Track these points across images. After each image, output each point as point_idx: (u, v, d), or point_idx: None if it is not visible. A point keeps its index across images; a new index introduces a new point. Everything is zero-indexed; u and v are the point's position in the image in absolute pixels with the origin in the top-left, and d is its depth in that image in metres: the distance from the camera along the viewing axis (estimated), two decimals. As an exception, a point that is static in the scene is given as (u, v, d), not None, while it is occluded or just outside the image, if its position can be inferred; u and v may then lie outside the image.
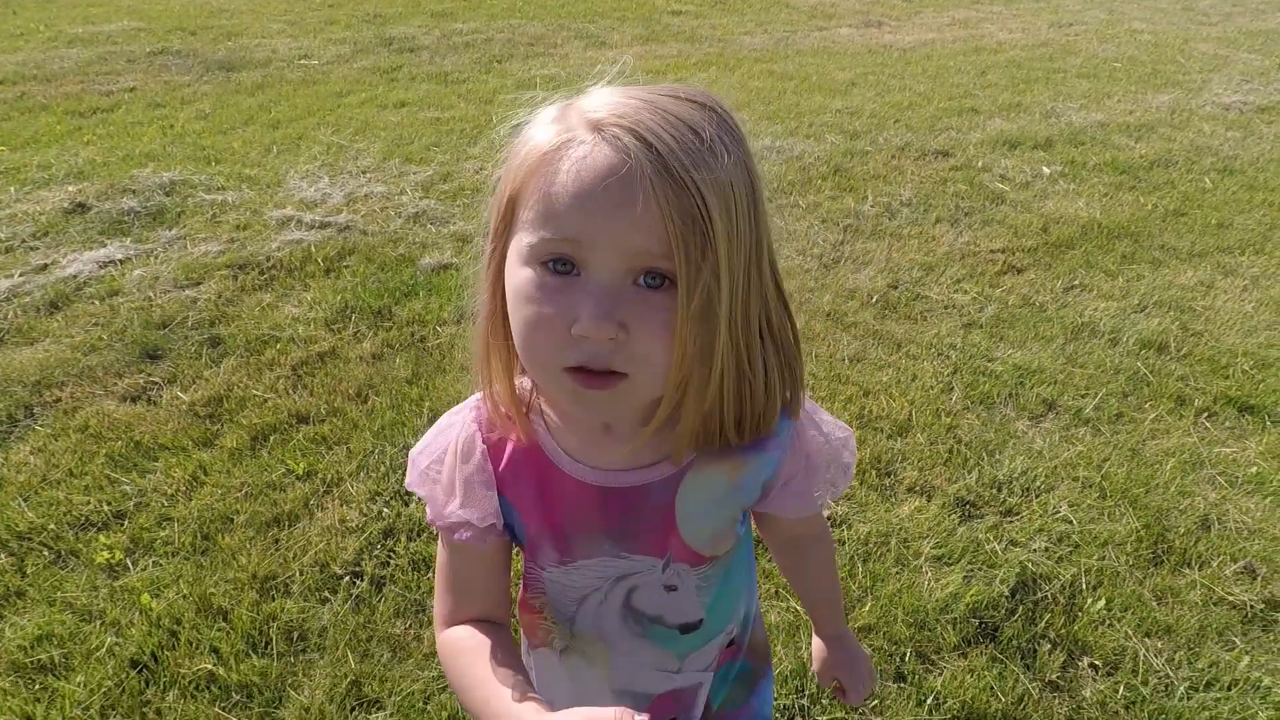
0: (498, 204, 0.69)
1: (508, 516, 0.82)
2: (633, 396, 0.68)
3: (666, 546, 0.82)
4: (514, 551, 0.89)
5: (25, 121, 5.37)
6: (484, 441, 0.80)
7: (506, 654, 0.79)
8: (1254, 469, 2.39)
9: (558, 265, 0.64)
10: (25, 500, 2.22)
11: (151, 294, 3.28)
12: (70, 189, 4.24)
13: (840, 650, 1.10)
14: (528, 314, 0.66)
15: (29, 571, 2.01)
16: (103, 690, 1.70)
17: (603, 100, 0.65)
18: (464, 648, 0.81)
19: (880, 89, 6.12)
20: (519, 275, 0.67)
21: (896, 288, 3.34)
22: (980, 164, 4.66)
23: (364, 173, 4.51)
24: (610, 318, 0.63)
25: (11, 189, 4.22)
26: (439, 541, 0.85)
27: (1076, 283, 3.42)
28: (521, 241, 0.66)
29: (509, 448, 0.80)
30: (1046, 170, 4.59)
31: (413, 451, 0.83)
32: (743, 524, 0.88)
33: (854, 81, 6.30)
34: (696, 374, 0.67)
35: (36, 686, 1.72)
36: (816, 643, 1.12)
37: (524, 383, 0.80)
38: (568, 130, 0.64)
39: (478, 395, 0.81)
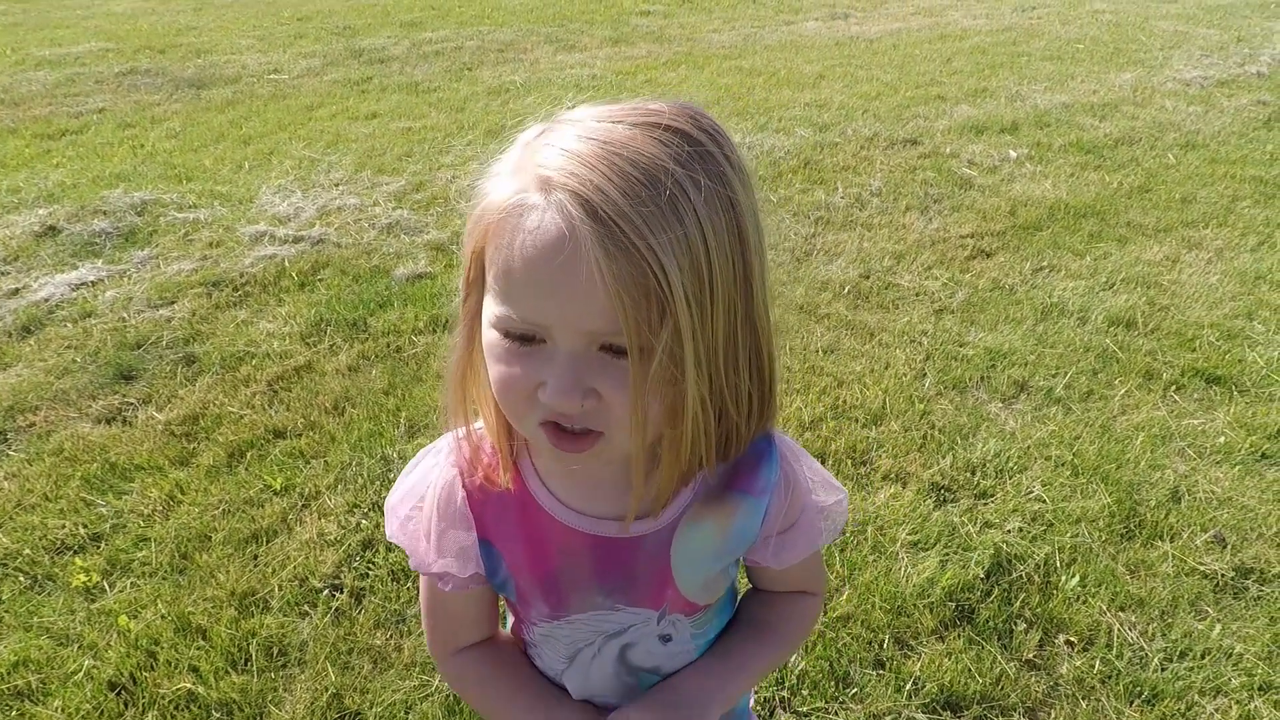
0: (468, 251, 0.66)
1: (495, 568, 0.79)
2: (610, 453, 0.66)
3: (663, 598, 0.79)
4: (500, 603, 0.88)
5: (-8, 147, 5.32)
6: (464, 487, 0.76)
7: (518, 666, 0.86)
8: (1222, 439, 2.42)
9: (523, 338, 0.63)
10: (0, 526, 2.21)
11: (125, 315, 3.26)
12: (41, 212, 4.21)
13: None
14: (498, 373, 0.65)
15: (5, 598, 2.00)
16: (80, 714, 1.69)
17: (562, 144, 0.60)
18: (477, 676, 0.86)
19: (848, 81, 6.16)
20: (489, 334, 0.65)
21: (868, 277, 3.37)
22: (948, 150, 4.69)
23: (336, 185, 4.50)
24: (576, 390, 0.61)
25: (-20, 216, 4.19)
26: (422, 580, 0.83)
27: (1045, 264, 3.45)
28: (489, 306, 0.64)
29: (495, 493, 0.76)
30: (1013, 154, 4.63)
31: (389, 500, 0.80)
32: (733, 567, 0.85)
33: (822, 74, 6.33)
34: (667, 433, 0.65)
35: (14, 713, 1.71)
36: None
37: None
38: (522, 189, 0.60)
39: (456, 432, 0.76)
